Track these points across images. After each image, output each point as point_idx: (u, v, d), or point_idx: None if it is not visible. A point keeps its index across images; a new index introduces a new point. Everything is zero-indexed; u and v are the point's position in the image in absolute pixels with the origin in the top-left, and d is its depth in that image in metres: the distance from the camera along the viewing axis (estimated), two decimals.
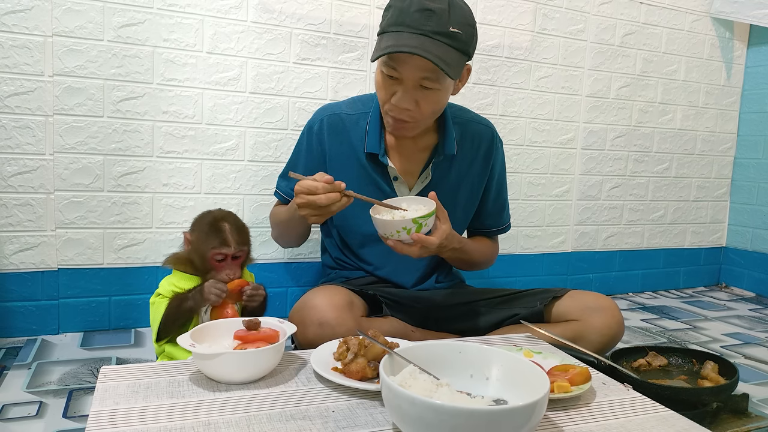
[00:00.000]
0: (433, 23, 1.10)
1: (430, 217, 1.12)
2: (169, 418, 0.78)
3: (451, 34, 1.11)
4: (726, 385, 1.10)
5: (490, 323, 1.34)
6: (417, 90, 1.15)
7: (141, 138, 1.59)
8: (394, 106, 1.17)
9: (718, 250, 2.59)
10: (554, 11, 2.07)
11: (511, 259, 2.13)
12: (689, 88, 2.38)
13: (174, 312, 1.09)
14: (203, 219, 1.16)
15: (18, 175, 1.49)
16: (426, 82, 1.14)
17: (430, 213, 1.12)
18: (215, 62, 1.64)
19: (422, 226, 1.11)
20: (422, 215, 1.10)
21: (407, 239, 1.12)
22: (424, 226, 1.11)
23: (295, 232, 1.39)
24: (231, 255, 1.13)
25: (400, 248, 1.13)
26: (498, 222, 1.48)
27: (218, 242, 1.12)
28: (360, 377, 0.89)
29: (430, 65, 1.10)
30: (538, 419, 0.70)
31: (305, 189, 1.06)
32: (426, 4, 1.10)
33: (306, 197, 1.06)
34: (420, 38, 1.09)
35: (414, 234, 1.10)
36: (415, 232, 1.10)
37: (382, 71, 1.17)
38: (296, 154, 1.40)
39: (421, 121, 1.22)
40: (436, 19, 1.10)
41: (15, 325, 1.53)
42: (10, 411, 1.12)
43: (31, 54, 1.46)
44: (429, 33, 1.10)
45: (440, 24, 1.10)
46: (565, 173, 2.19)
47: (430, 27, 1.10)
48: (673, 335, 1.83)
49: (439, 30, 1.10)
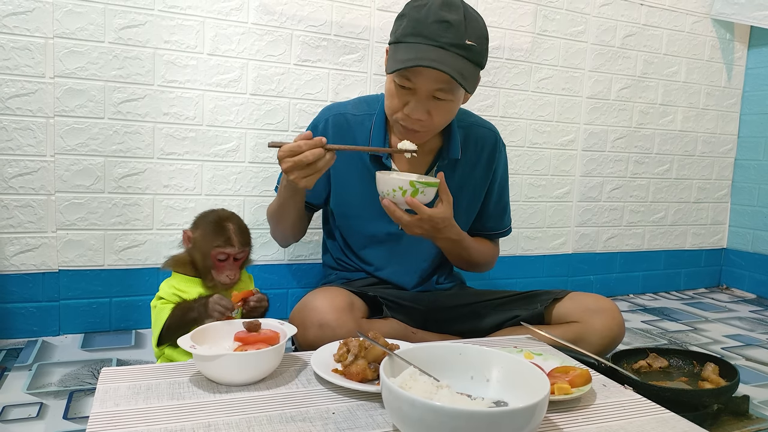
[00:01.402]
0: (450, 35, 1.10)
1: (429, 186, 1.10)
2: (170, 419, 0.78)
3: (467, 46, 1.11)
4: (727, 387, 1.10)
5: (491, 325, 1.34)
6: (430, 100, 1.16)
7: (142, 139, 1.59)
8: (407, 116, 1.18)
9: (718, 251, 2.59)
10: (555, 13, 2.07)
11: (511, 260, 2.13)
12: (690, 89, 2.38)
13: (177, 321, 1.08)
14: (207, 217, 1.16)
15: (19, 176, 1.49)
16: (440, 93, 1.15)
17: (430, 182, 1.10)
18: (216, 64, 1.64)
19: (419, 192, 1.09)
20: (422, 181, 1.09)
21: (401, 202, 1.10)
22: (420, 194, 1.09)
23: (290, 219, 1.33)
24: (233, 255, 1.13)
25: (392, 210, 1.12)
26: (499, 225, 1.48)
27: (222, 241, 1.12)
28: (360, 379, 0.89)
29: (446, 77, 1.11)
30: (539, 421, 0.70)
31: (288, 151, 1.05)
32: (443, 16, 1.10)
33: (291, 159, 1.05)
34: (438, 51, 1.09)
35: (408, 197, 1.09)
36: (411, 196, 1.09)
37: (395, 81, 1.16)
38: None
39: (432, 130, 1.22)
40: (453, 32, 1.10)
41: (16, 327, 1.53)
42: (10, 412, 1.12)
43: (32, 56, 1.46)
44: (446, 45, 1.10)
45: (457, 36, 1.10)
46: (565, 175, 2.19)
47: (447, 39, 1.10)
48: (673, 337, 1.82)
49: (456, 42, 1.10)
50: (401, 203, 1.11)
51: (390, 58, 1.17)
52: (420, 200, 1.10)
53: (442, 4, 1.12)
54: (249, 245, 1.17)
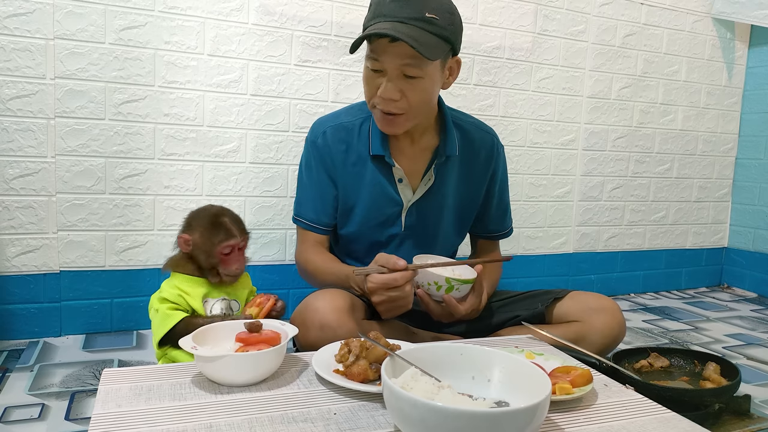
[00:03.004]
0: (409, 10, 1.12)
1: (464, 284, 1.14)
2: (171, 420, 0.78)
3: (427, 18, 1.12)
4: (728, 387, 1.10)
5: (492, 325, 1.34)
6: (401, 80, 1.16)
7: (142, 140, 1.59)
8: (381, 99, 1.18)
9: (719, 250, 2.58)
10: (555, 12, 2.07)
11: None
12: (690, 88, 2.38)
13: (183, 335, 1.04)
14: (200, 217, 1.16)
15: (20, 177, 1.49)
16: (408, 69, 1.14)
17: (465, 280, 1.13)
18: (216, 64, 1.64)
19: (453, 288, 1.12)
20: (457, 278, 1.12)
21: (436, 296, 1.15)
22: (455, 290, 1.13)
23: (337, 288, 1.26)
24: (237, 246, 1.14)
25: (426, 301, 1.17)
26: (501, 226, 1.48)
27: (224, 236, 1.12)
28: (362, 379, 0.89)
29: (409, 51, 1.11)
30: (540, 421, 0.70)
31: (382, 284, 1.07)
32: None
33: (387, 293, 1.08)
34: (394, 24, 1.11)
35: (444, 294, 1.13)
36: (445, 292, 1.12)
37: (367, 66, 1.19)
38: (307, 171, 1.35)
39: (410, 113, 1.20)
40: (411, 6, 1.12)
41: (17, 328, 1.53)
42: (12, 413, 1.12)
43: (32, 57, 1.47)
44: (405, 19, 1.12)
45: (416, 10, 1.12)
46: (566, 174, 2.19)
47: (406, 14, 1.12)
48: (674, 336, 1.82)
49: (415, 15, 1.12)
50: (435, 296, 1.16)
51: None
52: (454, 296, 1.14)
53: None
54: (247, 232, 1.18)
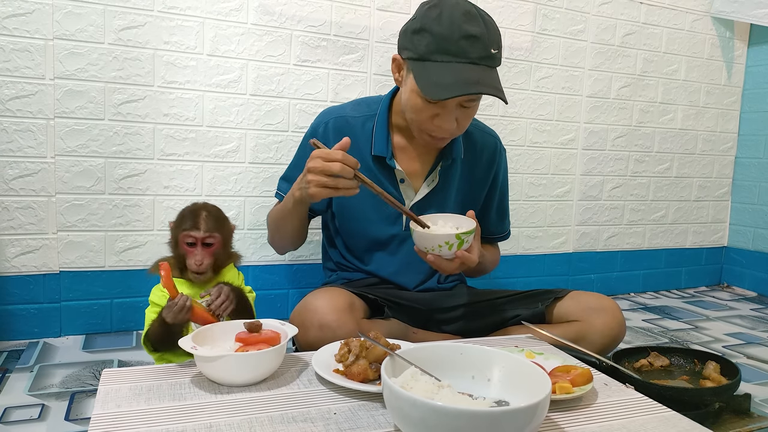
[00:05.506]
0: (478, 49, 1.12)
1: (471, 234, 1.13)
2: (171, 420, 0.78)
3: (492, 55, 1.14)
4: (728, 386, 1.10)
5: (492, 324, 1.34)
6: (458, 110, 1.18)
7: (142, 140, 1.59)
8: (439, 128, 1.20)
9: (719, 249, 2.58)
10: (554, 12, 2.07)
11: (512, 259, 2.13)
12: (690, 87, 2.38)
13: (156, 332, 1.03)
14: (185, 207, 1.15)
15: (19, 178, 1.49)
16: (468, 102, 1.18)
17: (472, 230, 1.13)
18: (216, 64, 1.64)
19: (464, 242, 1.12)
20: (465, 231, 1.12)
21: (447, 254, 1.13)
22: (465, 243, 1.12)
23: (292, 226, 1.33)
24: (201, 239, 1.09)
25: (439, 263, 1.14)
26: (499, 229, 1.49)
27: (189, 225, 1.09)
28: (361, 379, 0.89)
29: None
30: (540, 420, 0.70)
31: (324, 154, 1.06)
32: (468, 30, 1.11)
33: (321, 162, 1.05)
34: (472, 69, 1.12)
35: (456, 250, 1.12)
36: (457, 248, 1.11)
37: (420, 96, 1.16)
38: (300, 156, 1.38)
39: (457, 135, 1.25)
40: (480, 45, 1.12)
41: (17, 328, 1.53)
42: (12, 414, 1.12)
43: (32, 57, 1.47)
44: (476, 60, 1.12)
45: (484, 49, 1.13)
46: (566, 174, 2.19)
47: (476, 53, 1.12)
48: (674, 335, 1.82)
49: (484, 55, 1.13)
50: (446, 256, 1.14)
51: (420, 77, 1.15)
52: (464, 249, 1.13)
53: (463, 16, 1.12)
54: (220, 233, 1.12)
